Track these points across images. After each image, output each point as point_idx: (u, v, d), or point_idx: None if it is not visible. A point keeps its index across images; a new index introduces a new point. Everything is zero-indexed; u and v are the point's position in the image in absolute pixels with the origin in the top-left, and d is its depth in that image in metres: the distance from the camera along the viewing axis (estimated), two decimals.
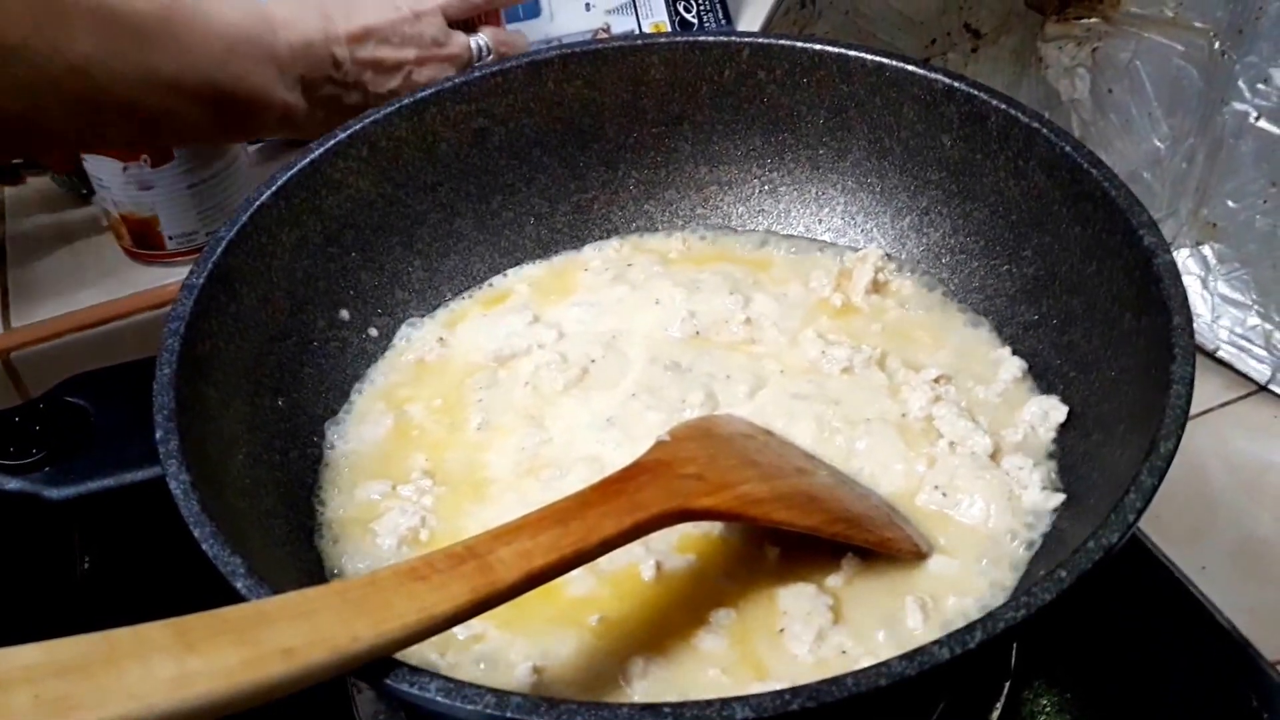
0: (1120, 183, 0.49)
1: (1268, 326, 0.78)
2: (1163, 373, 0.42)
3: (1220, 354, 0.80)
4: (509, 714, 0.34)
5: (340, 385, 0.55)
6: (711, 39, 0.60)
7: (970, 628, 0.34)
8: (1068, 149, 0.51)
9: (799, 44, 0.58)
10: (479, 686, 0.35)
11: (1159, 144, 0.84)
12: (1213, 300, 0.80)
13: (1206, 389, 0.78)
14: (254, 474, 0.48)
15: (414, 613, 0.35)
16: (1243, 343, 0.79)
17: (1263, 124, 0.76)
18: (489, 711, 0.34)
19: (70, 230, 0.75)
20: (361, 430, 0.53)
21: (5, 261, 0.74)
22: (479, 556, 0.37)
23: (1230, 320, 0.79)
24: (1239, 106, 0.77)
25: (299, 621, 0.34)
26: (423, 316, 0.59)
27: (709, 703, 0.33)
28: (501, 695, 0.34)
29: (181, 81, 0.58)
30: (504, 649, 0.44)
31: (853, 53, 0.58)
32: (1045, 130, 0.52)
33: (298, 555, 0.47)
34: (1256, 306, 0.79)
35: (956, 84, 0.55)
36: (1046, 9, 0.85)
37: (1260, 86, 0.76)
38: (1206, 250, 0.81)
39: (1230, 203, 0.79)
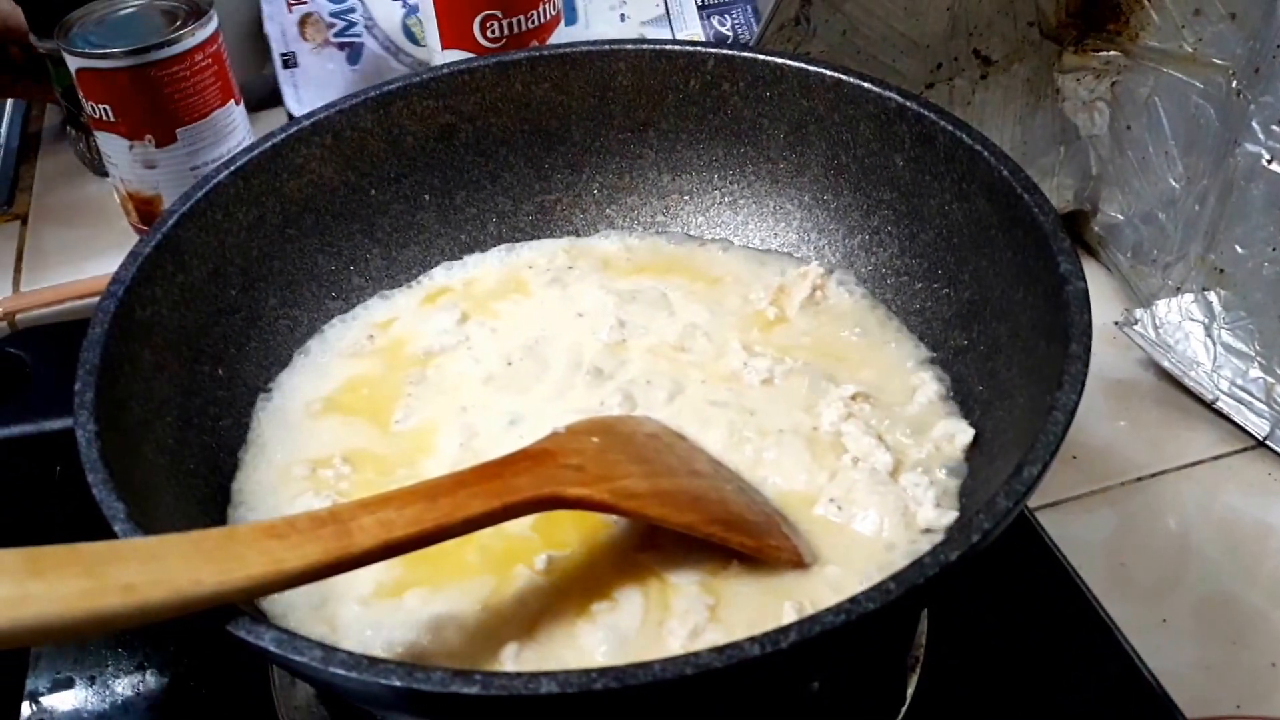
0: (1050, 208, 0.48)
1: (1270, 380, 0.75)
2: (1050, 398, 0.41)
3: (1219, 405, 0.76)
4: (332, 669, 0.35)
5: (285, 362, 0.57)
6: (678, 48, 0.60)
7: (786, 629, 0.34)
8: (1005, 173, 0.50)
9: (761, 57, 0.59)
10: (309, 640, 0.36)
11: (1174, 184, 0.82)
12: (1215, 349, 0.77)
13: (1199, 440, 0.75)
14: (182, 436, 0.50)
15: (261, 565, 0.37)
16: (1243, 395, 0.76)
17: (1275, 167, 0.73)
18: (315, 665, 0.35)
19: (88, 204, 0.80)
20: (292, 411, 0.55)
21: (26, 231, 0.79)
22: (341, 522, 0.39)
23: (1231, 371, 0.76)
24: (1251, 148, 0.74)
25: (147, 562, 0.36)
26: (380, 299, 0.60)
27: (518, 675, 0.34)
28: (328, 650, 0.35)
29: None
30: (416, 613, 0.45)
31: (812, 67, 0.58)
32: (986, 153, 0.51)
33: (210, 521, 0.49)
34: (1259, 359, 0.75)
35: (908, 103, 0.55)
36: (1064, 39, 0.83)
37: (1275, 128, 0.73)
38: (1212, 296, 0.78)
39: (1239, 248, 0.76)
